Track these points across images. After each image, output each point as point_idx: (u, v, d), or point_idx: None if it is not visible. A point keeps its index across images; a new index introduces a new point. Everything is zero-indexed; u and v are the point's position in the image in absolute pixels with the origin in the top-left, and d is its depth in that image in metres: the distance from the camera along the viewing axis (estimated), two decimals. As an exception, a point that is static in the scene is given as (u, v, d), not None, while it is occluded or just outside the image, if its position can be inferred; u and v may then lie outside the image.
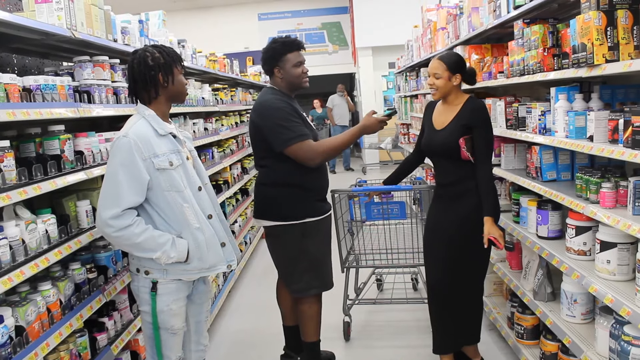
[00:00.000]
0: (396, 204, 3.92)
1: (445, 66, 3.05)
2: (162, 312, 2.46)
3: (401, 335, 4.05)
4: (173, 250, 2.39)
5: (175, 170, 2.42)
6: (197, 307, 2.68)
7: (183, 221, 2.43)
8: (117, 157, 2.34)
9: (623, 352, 2.20)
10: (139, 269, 2.47)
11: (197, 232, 2.46)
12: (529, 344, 3.30)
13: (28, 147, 2.44)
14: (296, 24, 15.46)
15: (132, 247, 2.39)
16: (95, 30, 2.81)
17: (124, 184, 2.31)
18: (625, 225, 2.18)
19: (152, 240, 2.36)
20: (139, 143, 2.35)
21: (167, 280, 2.46)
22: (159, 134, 2.43)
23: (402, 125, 9.34)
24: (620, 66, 2.14)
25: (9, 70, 2.80)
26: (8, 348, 1.99)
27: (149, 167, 2.36)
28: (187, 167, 2.49)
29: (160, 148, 2.40)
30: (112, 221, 2.29)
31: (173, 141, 2.48)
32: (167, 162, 2.40)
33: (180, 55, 2.57)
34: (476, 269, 3.21)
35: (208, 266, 2.52)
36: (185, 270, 2.47)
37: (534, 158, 3.22)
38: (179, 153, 2.47)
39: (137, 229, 2.34)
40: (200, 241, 2.46)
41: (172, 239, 2.40)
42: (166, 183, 2.40)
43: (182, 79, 2.54)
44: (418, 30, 7.16)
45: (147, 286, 2.46)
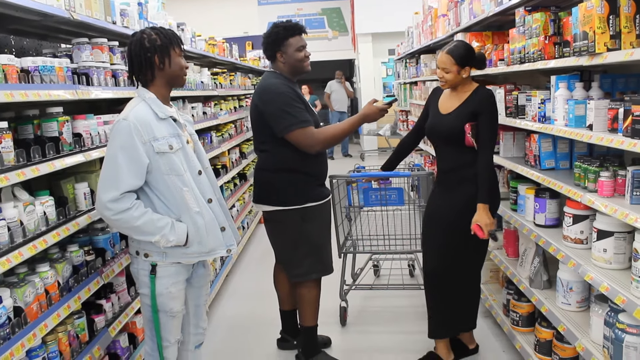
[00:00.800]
0: (394, 190, 3.92)
1: (453, 60, 3.03)
2: (161, 295, 2.46)
3: (397, 321, 4.08)
4: (172, 234, 2.38)
5: (175, 154, 2.41)
6: (196, 291, 2.68)
7: (183, 205, 2.43)
8: (117, 140, 2.32)
9: (617, 339, 2.21)
10: (139, 251, 2.47)
11: (196, 216, 2.45)
12: (524, 331, 3.33)
13: (26, 129, 2.43)
14: (296, 9, 15.35)
15: (131, 230, 2.38)
16: (94, 12, 2.79)
17: (123, 167, 2.30)
18: (623, 214, 2.19)
19: (150, 223, 2.35)
20: (139, 126, 2.33)
21: (166, 263, 2.46)
22: (159, 117, 2.41)
23: (401, 112, 9.32)
24: (622, 55, 2.13)
25: (7, 51, 2.78)
26: (6, 328, 2.00)
27: (148, 150, 2.35)
28: (187, 151, 2.48)
29: (160, 131, 2.38)
30: (111, 204, 2.29)
31: (173, 125, 2.46)
32: (166, 146, 2.38)
33: (180, 38, 2.54)
34: (473, 256, 3.23)
35: (208, 250, 2.52)
36: (184, 253, 2.47)
37: (532, 146, 3.23)
38: (179, 137, 2.45)
39: (136, 212, 2.33)
40: (199, 225, 2.46)
41: (171, 222, 2.39)
42: (166, 167, 2.39)
43: (180, 61, 2.50)
44: (418, 17, 7.13)
45: (147, 269, 2.46)
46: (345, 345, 3.79)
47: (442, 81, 3.11)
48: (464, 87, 3.12)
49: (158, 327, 2.51)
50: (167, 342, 2.54)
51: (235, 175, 6.10)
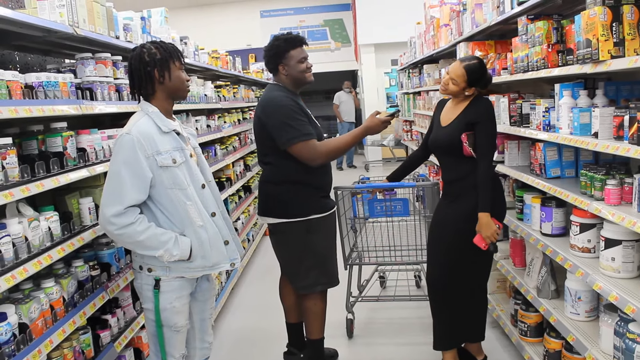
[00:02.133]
0: (399, 200, 3.91)
1: (466, 77, 3.01)
2: (165, 310, 2.45)
3: (404, 333, 4.05)
4: (176, 249, 2.38)
5: (179, 168, 2.41)
6: (201, 305, 2.67)
7: (186, 219, 2.43)
8: (120, 154, 2.33)
9: (628, 349, 2.19)
10: (142, 266, 2.46)
11: (200, 230, 2.45)
12: (532, 341, 3.29)
13: (30, 145, 2.43)
14: (298, 21, 15.42)
15: (134, 245, 2.38)
16: (98, 27, 2.80)
17: (127, 181, 2.30)
18: (631, 222, 2.17)
19: (154, 238, 2.35)
20: (142, 140, 2.33)
21: (170, 277, 2.45)
22: (162, 131, 2.41)
23: (405, 122, 9.32)
24: (626, 62, 2.13)
25: (11, 67, 2.79)
26: (11, 345, 1.99)
27: (151, 164, 2.35)
28: (190, 165, 2.48)
29: (163, 145, 2.39)
30: (115, 219, 2.29)
31: (176, 138, 2.46)
32: (170, 160, 2.38)
33: (181, 51, 2.54)
34: (477, 267, 3.20)
35: (211, 264, 2.51)
36: (188, 268, 2.46)
37: (537, 155, 3.21)
38: (182, 150, 2.46)
39: (140, 226, 2.33)
40: (203, 239, 2.46)
41: (174, 237, 2.39)
42: (169, 181, 2.39)
43: (180, 74, 2.50)
44: (421, 27, 7.14)
45: (150, 284, 2.45)
46: (352, 358, 3.76)
47: (443, 87, 3.10)
48: (464, 98, 3.11)
49: (162, 342, 2.49)
50: (172, 358, 2.53)
51: (240, 188, 6.09)
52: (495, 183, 3.18)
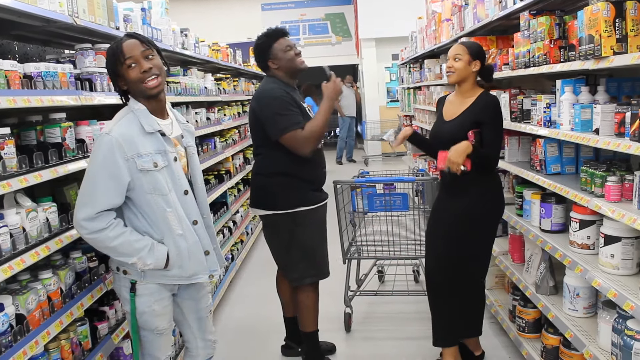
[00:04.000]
0: (399, 195, 3.91)
1: (466, 49, 3.04)
2: (144, 313, 2.36)
3: (402, 327, 4.05)
4: (150, 257, 2.27)
5: (160, 172, 2.29)
6: (193, 304, 2.57)
7: (165, 226, 2.32)
8: (97, 155, 2.22)
9: (626, 346, 2.19)
10: (119, 267, 2.36)
11: (179, 239, 2.34)
12: (530, 337, 3.30)
13: (29, 135, 2.42)
14: (299, 15, 15.38)
15: (106, 250, 2.29)
16: (97, 17, 2.78)
17: (101, 185, 2.20)
18: (631, 219, 2.16)
19: (128, 245, 2.25)
20: (122, 142, 2.22)
21: (146, 281, 2.36)
22: (145, 132, 2.28)
23: (405, 117, 9.31)
24: (629, 58, 2.11)
25: (10, 57, 2.77)
26: (8, 336, 1.98)
27: (131, 167, 2.23)
28: (173, 170, 2.34)
29: (144, 147, 2.26)
30: (85, 223, 2.19)
31: (160, 140, 2.32)
32: (151, 163, 2.26)
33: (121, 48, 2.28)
34: (476, 263, 3.20)
35: (188, 275, 2.41)
36: (164, 276, 2.36)
37: (538, 151, 3.20)
38: (165, 154, 2.32)
39: (112, 232, 2.22)
40: (182, 249, 2.35)
41: (150, 244, 2.28)
42: (149, 185, 2.27)
43: (131, 73, 2.28)
44: (422, 21, 7.12)
45: (127, 286, 2.35)
46: (350, 352, 3.76)
47: (450, 71, 3.08)
48: (469, 90, 3.10)
49: (137, 347, 2.41)
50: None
51: (239, 181, 6.08)
52: (494, 179, 3.18)
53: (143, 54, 2.29)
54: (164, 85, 2.36)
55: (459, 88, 3.14)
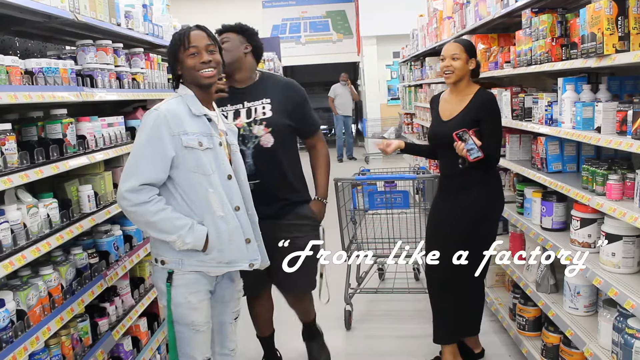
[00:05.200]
0: (399, 193, 3.91)
1: (462, 48, 3.04)
2: (179, 305, 2.33)
3: (402, 325, 4.05)
4: (189, 236, 2.25)
5: (204, 152, 2.30)
6: (221, 306, 2.53)
7: (206, 207, 2.30)
8: (144, 130, 2.26)
9: (626, 344, 2.19)
10: (157, 258, 2.36)
11: (220, 221, 2.31)
12: (530, 335, 3.29)
13: (30, 131, 2.42)
14: (300, 12, 15.37)
15: (146, 226, 2.29)
16: (99, 13, 2.78)
17: (146, 158, 2.23)
18: (632, 217, 2.16)
19: (168, 221, 2.24)
20: (169, 118, 2.25)
21: (183, 271, 2.32)
22: (193, 114, 2.32)
23: (406, 115, 9.31)
24: (631, 56, 2.11)
25: (11, 53, 2.77)
26: (9, 332, 1.99)
27: (176, 143, 2.25)
28: (217, 153, 2.35)
29: (191, 127, 2.29)
30: (128, 194, 2.20)
31: (207, 124, 2.35)
32: (196, 142, 2.28)
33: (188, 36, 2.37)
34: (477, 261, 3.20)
35: (227, 260, 2.37)
36: (202, 261, 2.33)
37: (539, 149, 3.20)
38: (211, 137, 2.34)
39: (154, 207, 2.23)
40: (222, 231, 2.32)
41: (191, 223, 2.27)
42: (192, 163, 2.28)
43: (190, 61, 2.34)
44: (423, 19, 7.11)
45: (164, 277, 2.34)
46: (350, 350, 3.77)
47: (448, 71, 3.06)
48: (466, 88, 3.09)
49: (174, 342, 2.36)
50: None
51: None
52: (494, 177, 3.18)
53: (207, 47, 2.35)
54: (216, 79, 2.43)
55: (454, 87, 3.12)
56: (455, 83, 3.09)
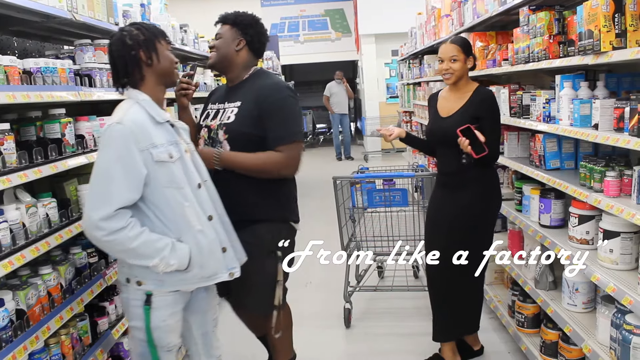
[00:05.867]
0: (398, 191, 3.91)
1: (460, 49, 3.03)
2: (157, 329, 2.17)
3: (402, 323, 4.06)
4: (173, 257, 2.09)
5: (175, 164, 2.14)
6: (200, 317, 2.40)
7: (183, 223, 2.14)
8: (111, 148, 2.04)
9: (624, 341, 2.19)
10: (129, 278, 2.16)
11: (199, 235, 2.17)
12: (529, 332, 3.30)
13: (29, 131, 2.42)
14: (299, 11, 15.35)
15: (125, 253, 2.08)
16: (97, 13, 2.78)
17: (118, 179, 2.02)
18: (629, 214, 2.17)
19: (149, 244, 2.06)
20: (136, 131, 2.05)
21: (163, 292, 2.17)
22: (157, 122, 2.14)
23: (405, 113, 9.31)
24: (628, 53, 2.11)
25: (9, 53, 2.77)
26: (9, 331, 1.99)
27: (146, 159, 2.06)
28: (185, 161, 2.20)
29: (158, 138, 2.11)
30: (103, 223, 1.99)
31: (171, 131, 2.20)
32: (166, 154, 2.11)
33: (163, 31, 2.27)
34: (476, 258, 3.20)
35: (209, 274, 2.23)
36: (183, 280, 2.17)
37: (537, 146, 3.21)
38: (177, 145, 2.19)
39: (132, 232, 2.03)
40: (202, 246, 2.18)
41: (171, 243, 2.10)
42: (165, 178, 2.11)
43: (169, 55, 2.23)
44: (422, 17, 7.10)
45: (140, 299, 2.16)
46: (350, 347, 3.77)
47: (448, 74, 3.06)
48: (465, 86, 3.10)
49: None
50: None
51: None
52: (492, 174, 3.18)
53: None
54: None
55: (454, 85, 3.13)
56: (454, 83, 3.10)
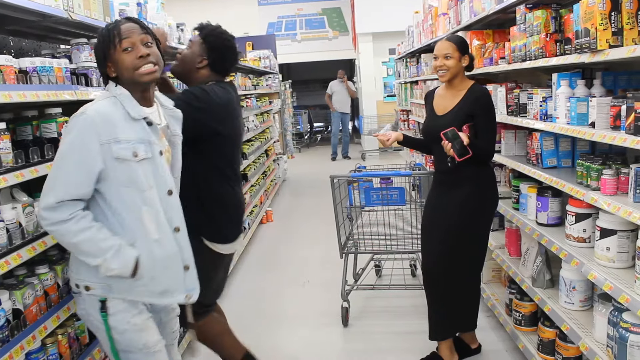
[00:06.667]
0: (395, 189, 3.91)
1: (455, 46, 3.04)
2: (124, 332, 2.04)
3: (399, 321, 4.06)
4: (115, 261, 1.94)
5: (139, 164, 1.98)
6: (160, 330, 2.19)
7: (139, 228, 1.99)
8: (68, 136, 1.95)
9: (621, 338, 2.20)
10: (78, 284, 2.04)
11: (155, 245, 2.01)
12: (527, 330, 3.31)
13: (25, 130, 2.42)
14: (296, 10, 15.34)
15: (70, 247, 2.00)
16: (93, 12, 2.78)
17: (67, 170, 1.92)
18: (626, 212, 2.17)
19: (92, 243, 1.92)
20: (98, 122, 1.92)
21: (115, 297, 2.03)
22: (131, 117, 2.00)
23: (402, 112, 9.31)
24: (624, 52, 2.12)
25: (5, 52, 2.77)
26: (5, 331, 1.99)
27: (105, 153, 1.93)
28: (157, 163, 2.04)
29: (125, 133, 1.96)
30: (46, 212, 1.91)
31: (146, 129, 2.03)
32: (129, 152, 1.96)
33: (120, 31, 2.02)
34: (473, 256, 3.21)
35: (160, 290, 2.06)
36: (129, 289, 2.02)
37: (534, 144, 3.21)
38: (149, 144, 2.02)
39: (76, 225, 1.91)
40: (156, 257, 2.01)
41: (118, 246, 1.95)
42: (124, 176, 1.97)
43: (126, 59, 2.00)
44: (419, 16, 7.11)
45: (96, 306, 2.03)
46: (347, 346, 3.77)
47: (442, 70, 3.07)
48: (460, 84, 3.10)
49: None
50: None
51: (236, 176, 6.07)
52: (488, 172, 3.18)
53: (142, 40, 2.04)
54: (158, 75, 2.09)
55: (449, 83, 3.13)
56: (449, 80, 3.10)
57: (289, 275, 5.19)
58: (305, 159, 13.82)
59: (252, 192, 6.62)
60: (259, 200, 7.10)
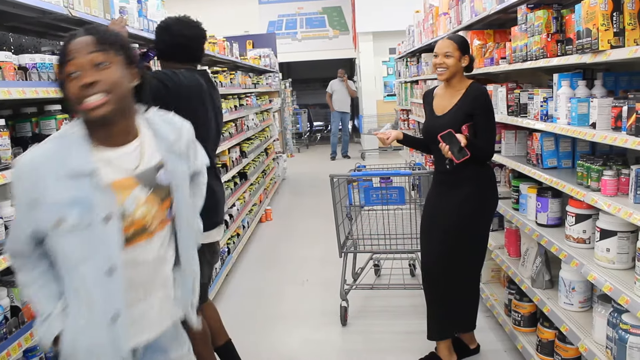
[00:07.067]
0: (395, 189, 3.91)
1: (456, 45, 3.03)
2: None
3: (398, 321, 4.05)
4: (40, 328, 1.64)
5: (63, 236, 1.55)
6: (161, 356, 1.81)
7: (73, 300, 1.62)
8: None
9: (621, 340, 2.19)
10: None
11: (80, 331, 1.60)
12: (526, 331, 3.30)
13: (24, 127, 2.41)
14: (297, 8, 15.33)
15: None
16: (93, 9, 2.77)
17: (14, 222, 1.70)
18: (626, 213, 2.17)
19: (33, 302, 1.69)
20: (24, 177, 1.56)
21: None
22: (72, 170, 1.54)
23: (402, 111, 9.30)
24: (626, 52, 2.11)
25: (5, 49, 2.75)
26: (4, 328, 1.98)
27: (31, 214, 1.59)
28: (96, 234, 1.55)
29: (54, 192, 1.53)
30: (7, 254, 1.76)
31: (85, 187, 1.54)
32: (52, 218, 1.54)
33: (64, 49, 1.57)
34: (472, 256, 3.21)
35: None
36: None
37: (534, 145, 3.20)
38: (90, 208, 1.54)
39: (23, 278, 1.68)
40: (79, 345, 1.60)
41: (47, 315, 1.63)
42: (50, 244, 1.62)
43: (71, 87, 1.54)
44: (419, 15, 7.11)
45: None
46: (346, 346, 3.77)
47: (441, 68, 3.07)
48: (459, 83, 3.10)
49: None
50: None
51: (236, 174, 6.08)
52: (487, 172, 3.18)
53: (91, 61, 1.54)
54: (117, 106, 1.57)
55: (447, 83, 3.13)
56: (448, 79, 3.10)
57: (288, 274, 5.19)
58: (304, 158, 13.82)
59: (252, 190, 6.62)
60: (258, 199, 7.10)
